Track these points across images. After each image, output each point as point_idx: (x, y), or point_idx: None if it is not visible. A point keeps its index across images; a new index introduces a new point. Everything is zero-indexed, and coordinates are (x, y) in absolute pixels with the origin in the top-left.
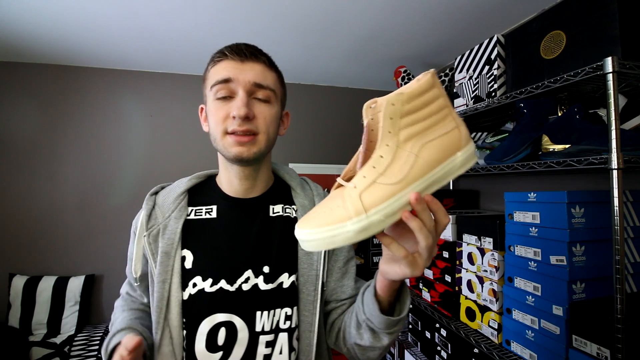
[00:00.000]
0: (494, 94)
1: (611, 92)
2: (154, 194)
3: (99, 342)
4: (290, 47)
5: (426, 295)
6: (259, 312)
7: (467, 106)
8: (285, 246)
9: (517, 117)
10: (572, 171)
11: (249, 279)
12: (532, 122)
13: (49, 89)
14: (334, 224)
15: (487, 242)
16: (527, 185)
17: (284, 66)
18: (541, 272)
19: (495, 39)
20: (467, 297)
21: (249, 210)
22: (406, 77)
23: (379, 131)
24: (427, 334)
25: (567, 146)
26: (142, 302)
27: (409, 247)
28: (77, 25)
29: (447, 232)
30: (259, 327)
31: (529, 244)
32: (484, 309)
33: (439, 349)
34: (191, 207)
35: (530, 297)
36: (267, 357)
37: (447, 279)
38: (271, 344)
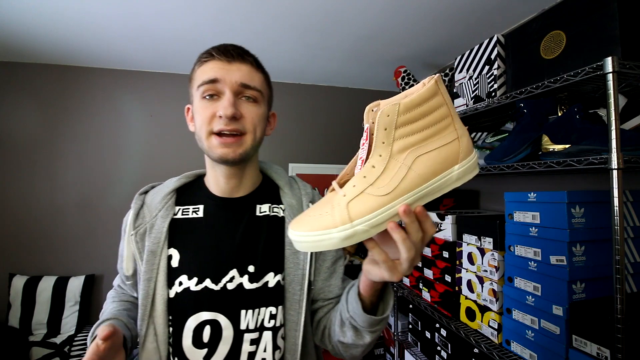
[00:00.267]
0: (494, 94)
1: (611, 92)
2: (144, 194)
3: None
4: (290, 47)
5: (426, 295)
6: (243, 311)
7: (467, 106)
8: (271, 246)
9: (517, 117)
10: (572, 171)
11: (233, 278)
12: (532, 122)
13: (49, 89)
14: (321, 229)
15: (487, 242)
16: (527, 185)
17: (284, 66)
18: (541, 272)
19: (495, 39)
20: (467, 297)
21: (236, 209)
22: (406, 77)
23: (373, 140)
24: (427, 334)
25: (567, 146)
26: (132, 295)
27: (392, 253)
28: (77, 25)
29: (447, 232)
30: (243, 326)
31: (529, 244)
32: (484, 309)
33: (439, 349)
34: (178, 207)
35: (530, 297)
36: (252, 355)
37: (447, 279)
38: (256, 342)
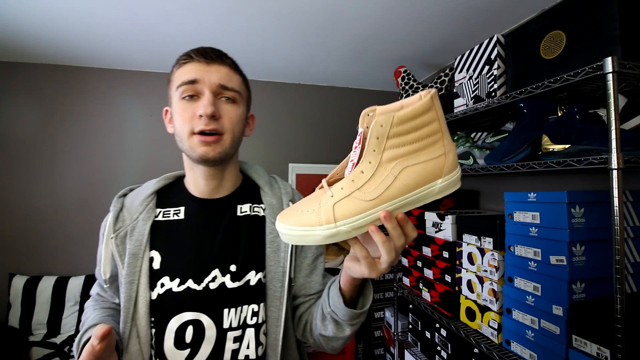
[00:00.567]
0: (494, 94)
1: (611, 92)
2: (122, 197)
3: None
4: (290, 47)
5: (426, 295)
6: (226, 310)
7: (467, 106)
8: (252, 245)
9: (517, 117)
10: (572, 171)
11: (216, 277)
12: (532, 122)
13: (49, 89)
14: (306, 225)
15: (487, 242)
16: (527, 185)
17: (284, 66)
18: (541, 272)
19: (495, 39)
20: (467, 297)
21: (216, 210)
22: (406, 77)
23: (365, 147)
24: (427, 334)
25: (567, 146)
26: (113, 302)
27: (372, 251)
28: (77, 25)
29: (447, 232)
30: (226, 324)
31: (529, 244)
32: (484, 309)
33: (439, 349)
34: (159, 209)
35: (530, 297)
36: (235, 352)
37: (447, 279)
38: (239, 339)
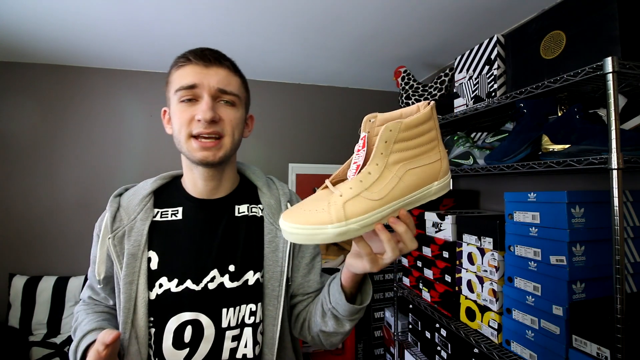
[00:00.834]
0: (494, 94)
1: (611, 92)
2: (118, 196)
3: None
4: (290, 47)
5: (426, 295)
6: (224, 309)
7: (467, 106)
8: (250, 245)
9: (517, 117)
10: (572, 171)
11: (214, 278)
12: (532, 122)
13: (49, 89)
14: (317, 224)
15: (487, 242)
16: (527, 185)
17: (284, 66)
18: (541, 272)
19: (495, 39)
20: (467, 297)
21: (215, 211)
22: (406, 77)
23: (373, 150)
24: (427, 334)
25: (567, 146)
26: (106, 304)
27: (375, 247)
28: (77, 25)
29: (447, 232)
30: (225, 324)
31: (529, 244)
32: (484, 309)
33: (439, 349)
34: (157, 209)
35: (530, 297)
36: (233, 351)
37: (447, 279)
38: (237, 338)
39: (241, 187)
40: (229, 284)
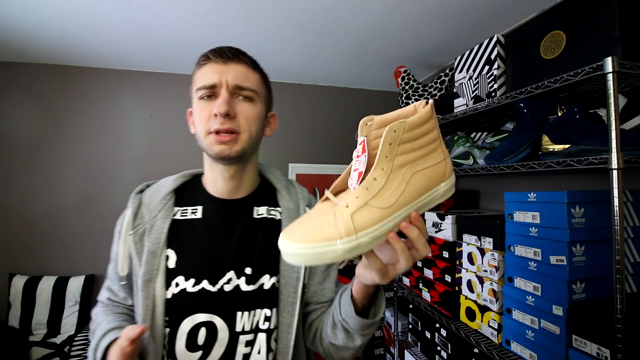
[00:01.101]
0: (494, 94)
1: (611, 92)
2: (140, 192)
3: None
4: (290, 47)
5: (426, 295)
6: (239, 313)
7: (467, 106)
8: (267, 248)
9: (517, 117)
10: (572, 171)
11: (231, 279)
12: (532, 122)
13: (50, 89)
14: (324, 241)
15: (487, 242)
16: (527, 185)
17: (284, 66)
18: (541, 272)
19: (495, 39)
20: (467, 297)
21: (234, 211)
22: (406, 77)
23: (377, 154)
24: (427, 334)
25: (567, 146)
26: (125, 305)
27: (384, 256)
28: (77, 25)
29: (447, 232)
30: (239, 327)
31: (529, 244)
32: (484, 309)
33: (439, 349)
34: (177, 208)
35: (530, 297)
36: (246, 356)
37: (447, 279)
38: (250, 344)
39: (261, 188)
40: (245, 287)
